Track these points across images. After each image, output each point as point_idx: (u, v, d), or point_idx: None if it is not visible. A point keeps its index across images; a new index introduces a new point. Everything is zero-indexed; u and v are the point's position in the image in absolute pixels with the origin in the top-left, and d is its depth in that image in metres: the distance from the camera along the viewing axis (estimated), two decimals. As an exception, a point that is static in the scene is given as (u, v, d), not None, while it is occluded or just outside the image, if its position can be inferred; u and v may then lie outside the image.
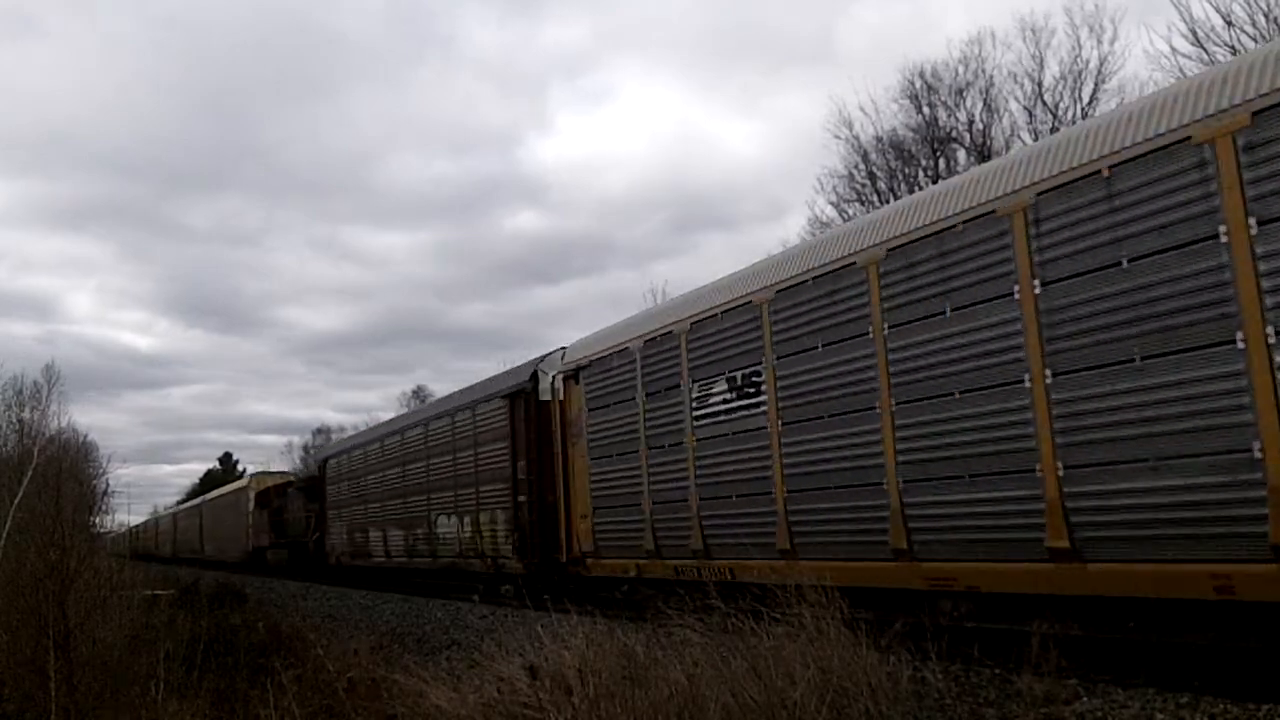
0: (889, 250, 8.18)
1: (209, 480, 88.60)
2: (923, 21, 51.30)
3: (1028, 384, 6.96)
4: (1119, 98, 26.56)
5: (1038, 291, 6.92)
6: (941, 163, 30.95)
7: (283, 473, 45.42)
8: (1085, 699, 5.62)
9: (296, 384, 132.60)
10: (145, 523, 70.65)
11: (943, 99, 30.83)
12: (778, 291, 9.44)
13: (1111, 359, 6.47)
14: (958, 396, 7.50)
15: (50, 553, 8.30)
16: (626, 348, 12.04)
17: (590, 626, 6.22)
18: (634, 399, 11.78)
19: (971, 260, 7.45)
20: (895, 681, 5.52)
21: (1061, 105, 28.40)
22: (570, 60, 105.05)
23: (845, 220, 30.58)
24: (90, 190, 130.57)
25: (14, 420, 31.21)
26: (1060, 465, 6.75)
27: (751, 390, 9.75)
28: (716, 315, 10.36)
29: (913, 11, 55.30)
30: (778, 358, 9.37)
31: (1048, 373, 6.84)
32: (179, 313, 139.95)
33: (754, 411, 9.69)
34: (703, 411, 10.51)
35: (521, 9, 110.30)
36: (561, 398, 13.65)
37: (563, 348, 14.54)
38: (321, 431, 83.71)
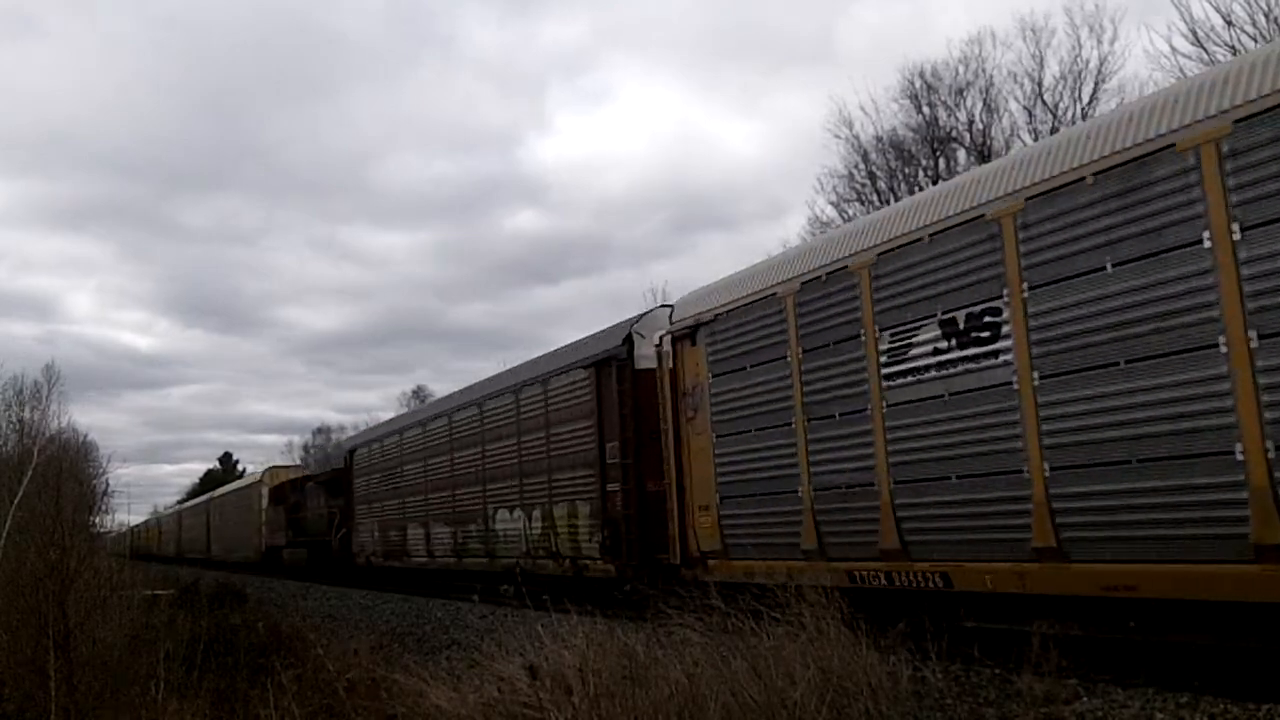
0: (1239, 121, 5.86)
1: (209, 480, 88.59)
2: (922, 22, 51.41)
3: None
4: (1118, 98, 26.62)
5: None
6: (941, 163, 30.97)
7: (298, 467, 43.29)
8: (1085, 699, 5.63)
9: (296, 384, 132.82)
10: (146, 522, 69.39)
11: (943, 99, 30.87)
12: (1029, 199, 7.13)
13: None
14: None
15: (50, 553, 8.30)
16: (771, 294, 9.59)
17: (590, 626, 6.22)
18: (784, 358, 9.34)
19: None
20: (895, 681, 5.52)
21: (1061, 105, 28.43)
22: (570, 60, 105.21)
23: (846, 220, 30.60)
24: (90, 190, 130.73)
25: (14, 420, 31.21)
26: None
27: (984, 334, 7.41)
28: (921, 241, 8.01)
29: (913, 11, 55.39)
30: (1030, 287, 7.08)
31: None
32: (179, 313, 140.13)
33: (988, 363, 7.35)
34: (899, 368, 8.12)
35: (521, 9, 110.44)
36: (671, 364, 11.14)
37: (666, 305, 12.56)
38: (322, 431, 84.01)
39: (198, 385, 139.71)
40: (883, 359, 8.31)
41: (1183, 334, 6.15)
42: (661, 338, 11.52)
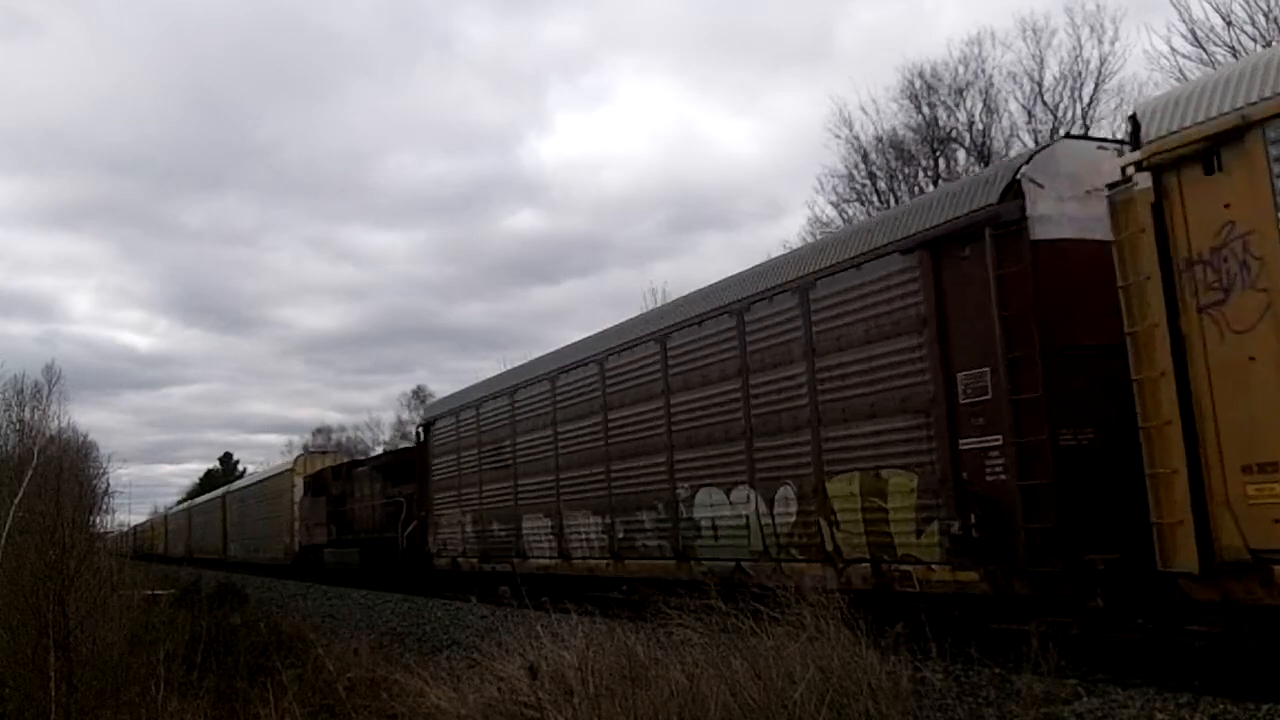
0: None
1: (209, 480, 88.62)
2: (918, 21, 51.51)
3: None
4: (1118, 98, 26.63)
5: None
6: (941, 163, 30.97)
7: (335, 454, 38.16)
8: (1085, 699, 5.64)
9: (295, 384, 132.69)
10: (151, 519, 65.23)
11: (942, 99, 30.86)
12: None
13: None
14: None
15: (50, 552, 8.31)
16: None
17: (590, 626, 6.23)
18: None
19: None
20: (895, 681, 5.52)
21: (1061, 105, 28.43)
22: (568, 59, 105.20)
23: (846, 222, 30.60)
24: (87, 190, 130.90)
25: (14, 420, 31.20)
26: None
27: None
28: None
29: (907, 10, 55.48)
30: None
31: None
32: (178, 312, 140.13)
33: None
34: None
35: (519, 7, 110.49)
36: (1143, 221, 6.49)
37: (1075, 135, 7.81)
38: (321, 431, 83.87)
39: (197, 385, 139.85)
40: None
41: None
42: (1127, 170, 6.66)
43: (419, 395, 67.74)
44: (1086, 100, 27.89)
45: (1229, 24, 22.28)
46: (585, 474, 13.93)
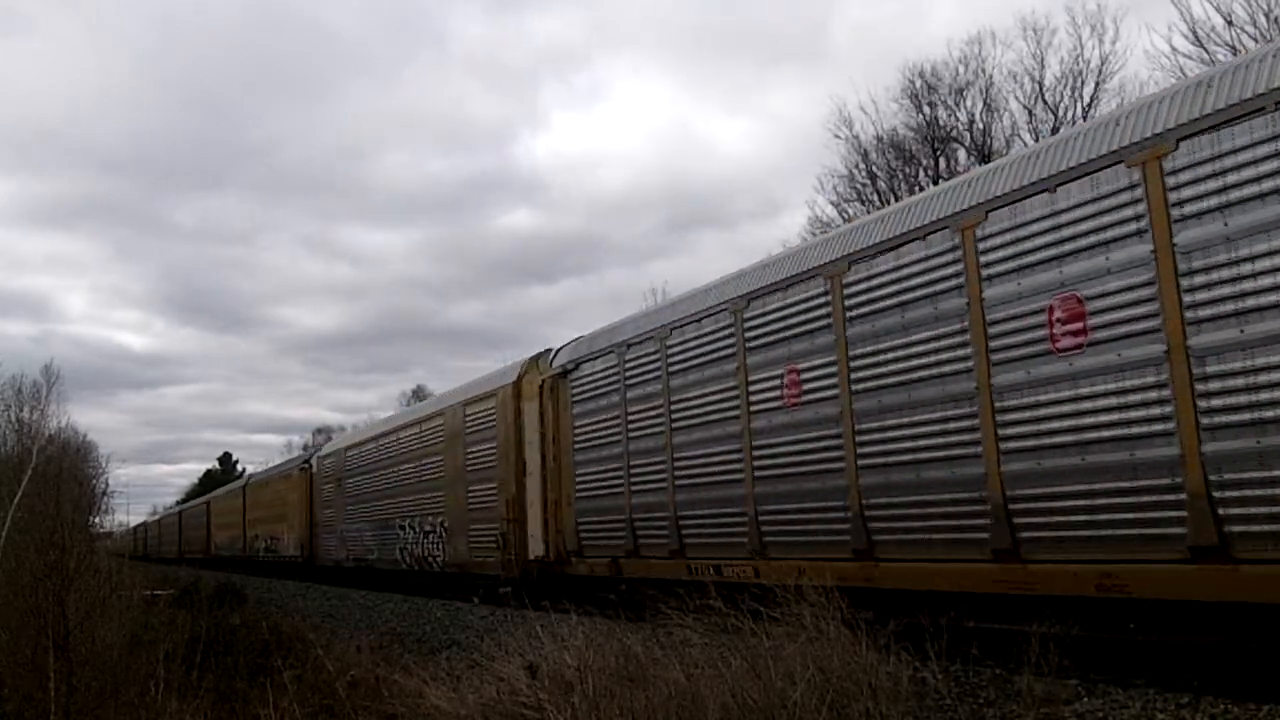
0: None
1: (209, 480, 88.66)
2: (913, 18, 51.53)
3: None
4: (1119, 97, 26.64)
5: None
6: (942, 162, 30.97)
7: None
8: (1085, 699, 5.63)
9: (293, 383, 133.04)
10: (202, 501, 48.44)
11: (943, 98, 30.86)
12: None
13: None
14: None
15: (50, 552, 8.31)
16: None
17: (590, 626, 6.22)
18: None
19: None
20: (895, 681, 5.51)
21: (1062, 105, 28.43)
22: (564, 57, 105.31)
23: (846, 221, 30.56)
24: (82, 189, 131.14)
25: (13, 420, 31.22)
26: None
27: None
28: None
29: (902, 9, 55.55)
30: None
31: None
32: (174, 312, 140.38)
33: None
34: None
35: (516, 6, 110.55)
36: None
37: None
38: (322, 431, 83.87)
39: (194, 385, 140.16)
40: None
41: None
42: None
43: (419, 395, 67.71)
44: (1087, 100, 27.91)
45: (1230, 23, 22.32)
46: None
